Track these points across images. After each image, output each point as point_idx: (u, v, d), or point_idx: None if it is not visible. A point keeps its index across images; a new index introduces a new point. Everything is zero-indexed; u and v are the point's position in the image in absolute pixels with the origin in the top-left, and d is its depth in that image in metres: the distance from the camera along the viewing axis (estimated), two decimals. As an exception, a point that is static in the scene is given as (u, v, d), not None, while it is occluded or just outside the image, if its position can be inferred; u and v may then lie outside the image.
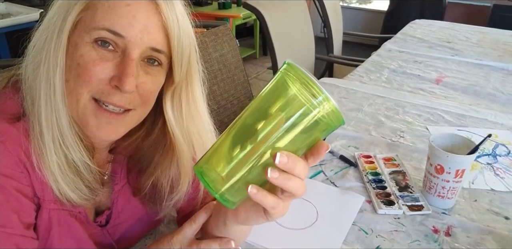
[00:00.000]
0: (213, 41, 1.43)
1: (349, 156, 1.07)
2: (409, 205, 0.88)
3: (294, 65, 0.42)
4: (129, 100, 0.56)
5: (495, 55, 1.95)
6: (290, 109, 0.42)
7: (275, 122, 0.42)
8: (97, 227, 0.68)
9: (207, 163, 0.45)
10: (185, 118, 0.63)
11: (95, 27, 0.52)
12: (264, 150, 0.42)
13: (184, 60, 0.59)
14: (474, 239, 0.79)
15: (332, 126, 0.43)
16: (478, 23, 2.68)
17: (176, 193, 0.67)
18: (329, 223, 0.83)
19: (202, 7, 4.09)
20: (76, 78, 0.53)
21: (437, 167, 0.84)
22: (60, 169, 0.55)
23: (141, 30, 0.53)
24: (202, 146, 0.65)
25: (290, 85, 0.42)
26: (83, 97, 0.54)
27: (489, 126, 1.26)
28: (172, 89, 0.61)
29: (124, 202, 0.70)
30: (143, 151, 0.68)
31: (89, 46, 0.53)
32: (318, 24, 3.22)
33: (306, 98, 0.41)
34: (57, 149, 0.55)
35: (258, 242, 0.77)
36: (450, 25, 2.53)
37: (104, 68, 0.53)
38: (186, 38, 0.57)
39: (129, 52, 0.53)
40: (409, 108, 1.37)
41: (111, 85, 0.54)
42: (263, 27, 1.82)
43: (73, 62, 0.53)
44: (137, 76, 0.54)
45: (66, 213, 0.62)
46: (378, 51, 2.01)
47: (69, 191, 0.57)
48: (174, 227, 0.82)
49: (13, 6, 2.51)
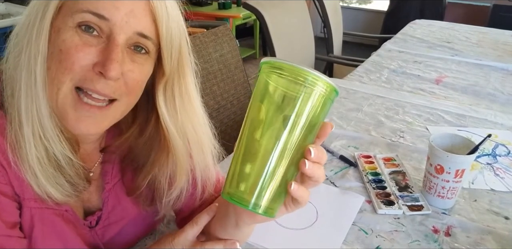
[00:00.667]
0: (213, 41, 1.43)
1: (349, 156, 1.07)
2: (409, 205, 0.88)
3: (266, 61, 0.43)
4: (113, 89, 0.53)
5: (495, 55, 1.96)
6: (283, 103, 0.42)
7: (285, 119, 0.42)
8: (86, 228, 0.65)
9: (231, 184, 0.46)
10: (179, 112, 0.60)
11: (78, 9, 0.50)
12: (286, 148, 0.43)
13: (174, 49, 0.56)
14: (474, 239, 0.79)
15: (330, 99, 0.44)
16: (478, 23, 2.68)
17: (173, 189, 0.65)
18: (329, 223, 0.83)
19: (202, 7, 4.10)
20: (57, 65, 0.50)
21: (437, 167, 0.84)
22: (39, 163, 0.52)
23: (126, 13, 0.50)
24: (197, 141, 0.63)
25: (271, 82, 0.43)
26: (64, 85, 0.51)
27: (489, 126, 1.26)
28: (164, 82, 0.58)
29: (114, 202, 0.68)
30: (138, 150, 0.65)
31: (72, 30, 0.50)
32: (318, 24, 3.22)
33: (292, 88, 0.42)
34: (36, 142, 0.52)
35: (258, 242, 0.77)
36: (450, 25, 2.53)
37: (87, 53, 0.50)
38: (175, 27, 0.55)
39: (114, 37, 0.51)
40: (409, 108, 1.37)
41: (95, 72, 0.51)
42: (263, 27, 1.82)
43: (55, 49, 0.51)
44: (123, 63, 0.52)
45: (50, 212, 0.59)
46: (378, 51, 2.01)
47: (49, 186, 0.54)
48: (174, 227, 0.82)
49: (13, 7, 2.51)
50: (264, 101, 0.44)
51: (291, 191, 0.45)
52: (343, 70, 2.28)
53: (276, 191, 0.45)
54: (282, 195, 0.46)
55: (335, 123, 1.25)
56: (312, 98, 0.42)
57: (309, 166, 0.44)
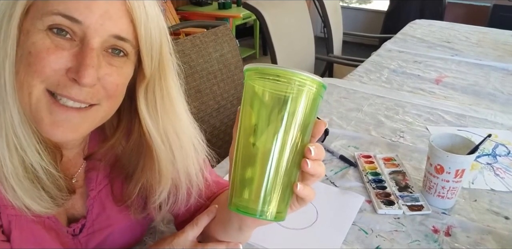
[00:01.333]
0: (213, 41, 1.43)
1: (349, 156, 1.07)
2: (409, 205, 0.88)
3: (250, 67, 0.43)
4: (90, 94, 0.49)
5: (495, 55, 1.96)
6: (274, 105, 0.43)
7: (278, 122, 0.43)
8: (69, 236, 0.62)
9: (235, 194, 0.46)
10: (161, 116, 0.56)
11: (47, 11, 0.46)
12: (286, 152, 0.43)
13: (155, 51, 0.52)
14: (474, 239, 0.79)
15: (319, 95, 0.44)
16: (478, 23, 2.68)
17: (159, 193, 0.62)
18: (329, 223, 0.83)
19: (202, 7, 4.10)
20: (27, 68, 0.47)
21: (437, 167, 0.84)
22: (16, 175, 0.48)
23: (101, 15, 0.47)
24: (180, 146, 0.60)
25: (256, 85, 0.43)
26: (35, 88, 0.47)
27: (489, 126, 1.26)
28: (145, 85, 0.55)
29: (99, 210, 0.65)
30: (126, 157, 0.62)
31: (43, 33, 0.47)
32: (318, 24, 3.22)
33: (279, 87, 0.42)
34: (11, 153, 0.48)
35: (258, 242, 0.77)
36: (450, 25, 2.53)
37: (59, 57, 0.46)
38: (155, 27, 0.51)
39: (88, 41, 0.47)
40: (409, 108, 1.37)
41: (68, 77, 0.47)
42: (263, 27, 1.82)
43: (24, 51, 0.47)
44: (99, 68, 0.48)
45: (29, 220, 0.54)
46: (378, 51, 2.01)
47: (27, 200, 0.50)
48: (174, 227, 0.82)
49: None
50: (255, 105, 0.44)
51: (297, 192, 0.45)
52: (343, 70, 2.28)
53: (281, 194, 0.45)
54: (288, 197, 0.46)
55: (335, 123, 1.25)
56: (301, 96, 0.42)
57: (311, 165, 0.44)
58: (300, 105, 0.42)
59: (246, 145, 0.45)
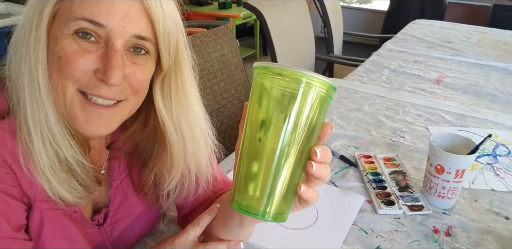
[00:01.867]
0: (213, 41, 1.43)
1: (349, 156, 1.06)
2: (409, 205, 0.88)
3: (260, 65, 0.43)
4: (118, 92, 0.53)
5: (496, 55, 1.95)
6: (283, 104, 0.42)
7: (285, 121, 0.42)
8: (94, 227, 0.66)
9: (239, 193, 0.45)
10: (175, 107, 0.60)
11: (72, 17, 0.49)
12: (292, 153, 0.43)
13: (172, 46, 0.56)
14: (474, 239, 0.79)
15: (328, 96, 0.44)
16: (478, 23, 2.68)
17: (169, 181, 0.65)
18: (329, 223, 0.83)
19: (202, 7, 4.10)
20: (59, 71, 0.51)
21: (437, 167, 0.84)
22: (52, 168, 0.53)
23: (122, 18, 0.50)
24: (192, 137, 0.63)
25: (266, 83, 0.43)
26: (68, 89, 0.51)
27: (489, 126, 1.26)
28: (161, 77, 0.58)
29: (121, 199, 0.69)
30: (143, 145, 0.66)
31: (70, 38, 0.50)
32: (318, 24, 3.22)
33: (288, 87, 0.42)
34: (47, 148, 0.52)
35: (258, 242, 0.77)
36: (450, 25, 2.53)
37: (87, 60, 0.50)
38: (171, 23, 0.54)
39: (112, 43, 0.50)
40: (409, 108, 1.37)
41: (97, 78, 0.51)
42: (263, 27, 1.82)
43: (55, 56, 0.51)
44: (123, 67, 0.52)
45: (60, 213, 0.60)
46: (378, 51, 2.01)
47: (62, 190, 0.54)
48: (174, 227, 0.82)
49: (13, 6, 2.51)
50: (263, 102, 0.44)
51: (300, 193, 0.45)
52: (344, 70, 2.28)
53: (284, 195, 0.44)
54: (290, 198, 0.46)
55: (335, 123, 1.25)
56: (309, 97, 0.42)
57: (316, 167, 0.44)
58: (307, 105, 0.42)
59: (252, 141, 0.45)
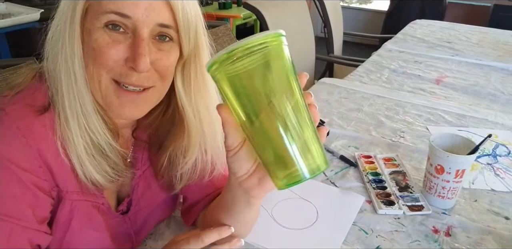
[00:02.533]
0: (214, 41, 1.42)
1: (349, 156, 1.07)
2: (409, 205, 0.88)
3: (214, 60, 0.44)
4: (147, 78, 0.58)
5: (495, 55, 1.95)
6: (255, 81, 0.44)
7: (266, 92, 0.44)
8: (119, 216, 0.70)
9: (278, 171, 0.47)
10: (194, 91, 0.64)
11: (102, 11, 0.54)
12: (293, 108, 0.45)
13: (192, 32, 0.60)
14: (474, 239, 0.79)
15: (281, 43, 0.46)
16: (478, 23, 2.68)
17: (187, 160, 0.68)
18: (329, 223, 0.83)
19: (203, 7, 4.08)
20: (93, 62, 0.56)
21: (437, 167, 0.84)
22: (86, 152, 0.58)
23: (146, 8, 0.54)
24: (209, 120, 0.66)
25: (232, 73, 0.44)
26: (103, 78, 0.57)
27: (489, 126, 1.26)
28: (182, 63, 0.62)
29: (144, 188, 0.72)
30: (162, 128, 0.70)
31: (101, 30, 0.55)
32: (318, 24, 3.22)
33: (251, 62, 0.43)
34: (83, 133, 0.57)
35: (258, 242, 0.77)
36: (450, 25, 2.53)
37: (118, 50, 0.55)
38: (190, 10, 0.59)
39: (138, 32, 0.55)
40: (409, 108, 1.37)
41: (127, 66, 0.56)
42: (264, 27, 1.82)
43: (89, 48, 0.56)
44: (150, 54, 0.56)
45: (89, 204, 0.64)
46: (378, 51, 2.01)
47: (95, 173, 0.59)
48: (174, 227, 0.82)
49: (13, 6, 2.51)
50: (240, 93, 0.45)
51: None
52: (344, 70, 2.28)
53: (311, 145, 0.46)
54: (317, 144, 0.48)
55: (335, 123, 1.25)
56: (272, 58, 0.44)
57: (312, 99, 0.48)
58: (274, 64, 0.44)
59: (255, 129, 0.46)
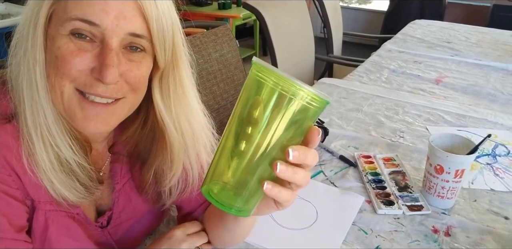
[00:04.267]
0: (213, 41, 1.43)
1: (348, 156, 1.07)
2: (409, 205, 0.88)
3: (261, 64, 0.42)
4: (115, 90, 0.54)
5: (495, 55, 1.95)
6: (274, 103, 0.41)
7: (266, 118, 0.42)
8: (98, 228, 0.67)
9: (212, 179, 0.45)
10: (174, 104, 0.60)
11: (67, 18, 0.50)
12: (265, 147, 0.42)
13: (168, 43, 0.56)
14: (474, 239, 0.79)
15: (318, 111, 0.43)
16: (478, 23, 2.67)
17: (170, 177, 0.66)
18: (328, 223, 0.83)
19: (202, 7, 4.09)
20: (56, 71, 0.51)
21: (437, 167, 0.84)
22: (53, 169, 0.54)
23: (116, 16, 0.50)
24: (191, 133, 0.63)
25: (265, 82, 0.42)
26: (66, 88, 0.52)
27: (488, 126, 1.26)
28: (159, 75, 0.58)
29: (125, 202, 0.70)
30: (142, 144, 0.66)
31: (66, 38, 0.51)
32: (318, 24, 3.22)
33: (284, 89, 0.41)
34: (47, 149, 0.53)
35: (258, 242, 0.77)
36: (450, 25, 2.53)
37: (83, 59, 0.51)
38: (166, 20, 0.54)
39: (107, 41, 0.51)
40: (409, 108, 1.37)
41: (93, 76, 0.51)
42: (263, 28, 1.82)
43: (52, 55, 0.51)
44: (119, 65, 0.52)
45: (64, 214, 0.61)
46: (378, 51, 2.01)
47: (64, 190, 0.55)
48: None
49: (13, 7, 2.51)
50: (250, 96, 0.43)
51: (264, 191, 0.42)
52: (343, 70, 2.28)
53: (255, 192, 0.44)
54: (260, 196, 0.45)
55: (335, 123, 1.25)
56: (301, 108, 0.42)
57: (281, 169, 0.41)
58: (297, 113, 0.42)
59: (239, 131, 0.44)
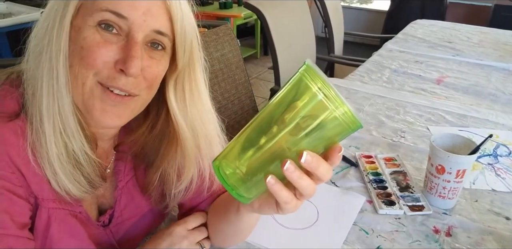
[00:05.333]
0: (214, 41, 1.43)
1: (350, 156, 1.06)
2: (410, 205, 0.88)
3: (312, 67, 0.42)
4: (134, 84, 0.55)
5: (496, 55, 1.95)
6: (310, 108, 0.41)
7: (296, 120, 0.42)
8: (99, 227, 0.67)
9: (225, 158, 0.45)
10: (189, 106, 0.62)
11: (97, 9, 0.52)
12: (283, 147, 0.42)
13: (187, 45, 0.58)
14: (475, 240, 0.79)
15: (348, 130, 0.42)
16: (479, 23, 2.67)
17: (182, 180, 0.67)
18: (329, 223, 0.83)
19: (203, 7, 4.10)
20: (80, 61, 0.52)
21: (438, 167, 0.84)
22: (59, 160, 0.55)
23: (144, 13, 0.53)
24: (205, 134, 0.64)
25: (310, 85, 0.41)
26: (89, 80, 0.53)
27: (490, 127, 1.26)
28: (175, 77, 0.60)
29: (127, 200, 0.70)
30: (149, 146, 0.67)
31: (93, 29, 0.52)
32: (319, 24, 3.22)
33: (325, 99, 0.41)
34: (57, 138, 0.54)
35: (258, 242, 0.77)
36: (451, 25, 2.52)
37: (108, 50, 0.52)
38: (189, 23, 0.57)
39: (133, 35, 0.53)
40: (410, 108, 1.37)
41: (116, 69, 0.53)
42: (264, 27, 1.82)
43: (77, 46, 0.52)
44: (142, 59, 0.54)
45: (66, 213, 0.61)
46: (379, 51, 2.00)
47: (68, 183, 0.56)
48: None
49: (14, 6, 2.51)
50: (299, 98, 0.42)
51: (266, 182, 0.43)
52: (344, 70, 2.28)
53: (260, 180, 0.44)
54: (261, 188, 0.46)
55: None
56: (337, 126, 0.41)
57: (289, 168, 0.42)
58: (331, 128, 0.42)
59: (269, 122, 0.44)
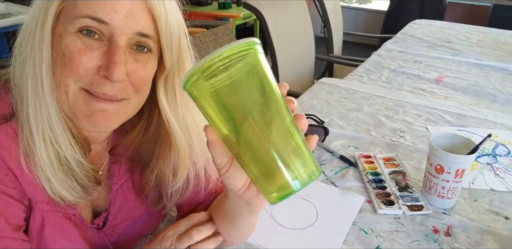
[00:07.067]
0: (213, 41, 1.43)
1: (349, 156, 1.06)
2: (409, 205, 0.88)
3: (194, 71, 0.42)
4: (120, 90, 0.54)
5: (495, 55, 1.95)
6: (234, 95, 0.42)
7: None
8: (94, 230, 0.67)
9: (273, 187, 0.44)
10: (180, 105, 0.61)
11: (77, 15, 0.50)
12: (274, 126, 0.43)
13: (174, 44, 0.56)
14: (474, 239, 0.79)
15: (254, 55, 0.42)
16: (478, 23, 2.68)
17: (177, 179, 0.66)
18: (329, 223, 0.83)
19: (202, 7, 4.09)
20: (62, 69, 0.51)
21: (437, 167, 0.84)
22: (52, 167, 0.54)
23: (125, 15, 0.51)
24: (198, 133, 0.63)
25: (219, 88, 0.42)
26: (71, 88, 0.52)
27: (489, 126, 1.26)
28: (164, 76, 0.59)
29: (122, 203, 0.69)
30: (144, 147, 0.66)
31: (74, 36, 0.51)
32: (318, 24, 3.22)
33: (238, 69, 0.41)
34: (47, 147, 0.53)
35: (258, 242, 0.77)
36: (450, 25, 2.53)
37: (90, 57, 0.51)
38: (174, 22, 0.55)
39: (115, 40, 0.51)
40: (409, 108, 1.37)
41: (100, 75, 0.51)
42: (263, 27, 1.82)
43: (59, 54, 0.51)
44: (126, 64, 0.52)
45: (60, 215, 0.60)
46: (378, 51, 2.01)
47: (61, 189, 0.55)
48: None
49: (13, 6, 2.51)
50: (226, 102, 0.43)
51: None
52: (343, 70, 2.28)
53: (295, 157, 0.43)
54: (306, 152, 0.44)
55: (335, 123, 1.25)
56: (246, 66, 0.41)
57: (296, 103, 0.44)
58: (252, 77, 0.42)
59: (240, 145, 0.44)
